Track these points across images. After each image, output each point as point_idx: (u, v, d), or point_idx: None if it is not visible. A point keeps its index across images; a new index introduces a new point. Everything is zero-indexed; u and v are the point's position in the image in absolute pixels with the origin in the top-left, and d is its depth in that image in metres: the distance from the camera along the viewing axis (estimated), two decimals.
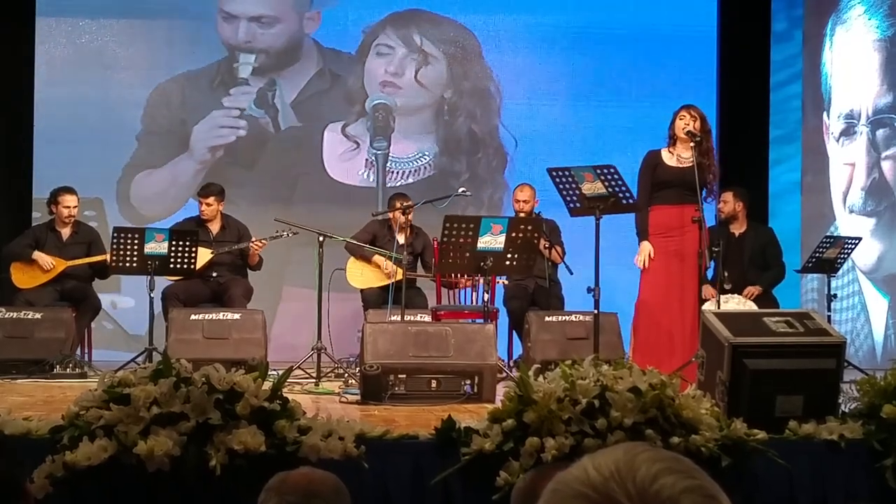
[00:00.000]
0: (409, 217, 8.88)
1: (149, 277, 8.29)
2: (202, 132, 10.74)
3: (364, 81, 10.96)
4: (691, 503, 1.27)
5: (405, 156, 10.95)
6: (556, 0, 11.08)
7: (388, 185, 10.63)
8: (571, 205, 7.06)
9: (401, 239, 8.90)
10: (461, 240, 7.55)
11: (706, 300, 7.93)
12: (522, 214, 8.88)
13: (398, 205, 9.04)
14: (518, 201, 9.13)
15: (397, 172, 10.90)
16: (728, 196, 9.20)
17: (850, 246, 9.30)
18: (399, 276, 8.61)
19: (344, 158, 10.88)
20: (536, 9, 11.06)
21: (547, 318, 8.23)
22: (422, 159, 10.97)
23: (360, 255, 9.14)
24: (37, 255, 8.92)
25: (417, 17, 11.08)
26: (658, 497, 1.26)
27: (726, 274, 8.48)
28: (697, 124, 7.25)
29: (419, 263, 9.34)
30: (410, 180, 10.82)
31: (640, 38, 11.06)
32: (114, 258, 8.37)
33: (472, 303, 9.00)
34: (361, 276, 9.16)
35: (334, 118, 10.92)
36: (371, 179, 10.84)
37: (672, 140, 7.35)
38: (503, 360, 7.91)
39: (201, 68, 10.81)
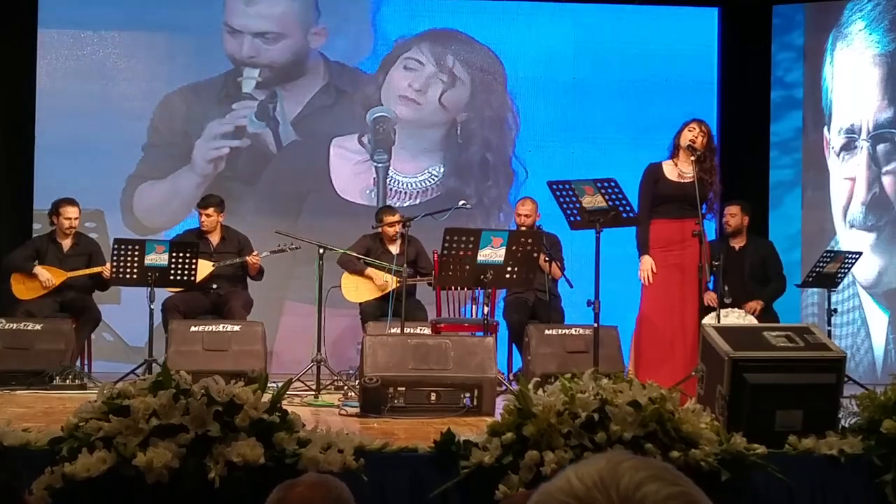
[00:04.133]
0: (397, 229, 8.91)
1: (149, 289, 8.29)
2: (203, 145, 10.75)
3: (382, 92, 10.96)
4: None
5: (411, 175, 10.95)
6: (558, 17, 11.11)
7: (396, 204, 10.57)
8: (572, 218, 7.07)
9: (395, 250, 8.91)
10: (461, 252, 7.55)
11: (709, 306, 7.92)
12: (524, 228, 8.89)
13: (386, 218, 9.09)
14: (520, 215, 9.14)
15: (403, 192, 10.90)
16: (736, 209, 9.22)
17: (850, 260, 9.30)
18: (392, 286, 8.66)
19: (355, 172, 10.87)
20: (537, 21, 11.08)
21: (547, 332, 8.23)
22: (429, 180, 10.97)
23: (352, 269, 9.14)
24: (38, 270, 8.92)
25: (454, 38, 11.08)
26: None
27: (726, 288, 8.47)
28: (704, 140, 7.26)
29: (415, 271, 9.33)
30: (418, 200, 10.81)
31: (641, 53, 11.07)
32: (114, 270, 8.38)
33: (472, 316, 9.00)
34: (356, 290, 9.16)
35: (339, 132, 10.92)
36: (375, 198, 10.84)
37: (675, 150, 7.35)
38: (503, 374, 7.91)
39: (206, 81, 10.82)
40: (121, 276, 8.38)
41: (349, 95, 10.97)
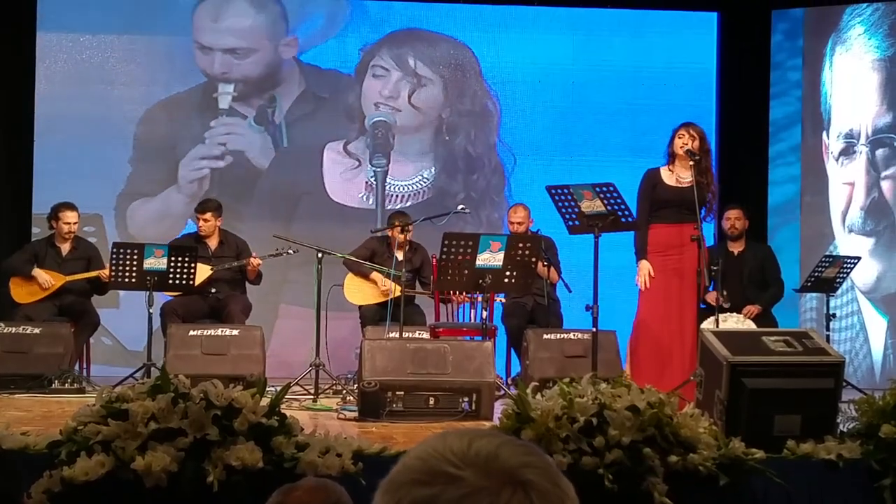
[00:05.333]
0: (408, 235, 8.88)
1: (147, 293, 8.29)
2: (186, 166, 10.72)
3: (361, 101, 10.96)
4: (511, 451, 1.37)
5: (403, 178, 10.95)
6: (557, 22, 11.11)
7: (387, 207, 10.61)
8: (570, 223, 7.07)
9: (399, 256, 8.91)
10: (460, 257, 7.55)
11: (710, 305, 7.93)
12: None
13: (397, 222, 9.07)
14: (513, 223, 9.13)
15: (396, 196, 10.90)
16: (739, 213, 9.25)
17: (849, 265, 9.30)
18: (396, 293, 8.62)
19: (345, 178, 10.87)
20: (536, 26, 11.09)
21: (545, 336, 8.23)
22: (420, 182, 10.97)
23: (358, 271, 9.13)
24: (36, 272, 8.91)
25: (413, 37, 11.07)
26: (479, 454, 1.36)
27: (725, 292, 8.48)
28: (696, 143, 7.25)
29: (417, 280, 9.32)
30: (409, 203, 10.80)
31: (640, 57, 11.09)
32: (113, 273, 8.38)
33: (470, 320, 9.00)
34: (359, 292, 9.16)
35: (327, 139, 10.89)
36: (370, 202, 10.83)
37: (671, 158, 7.36)
38: (501, 378, 7.91)
39: (193, 88, 10.80)
40: (120, 279, 8.38)
41: (328, 101, 10.95)
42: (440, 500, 1.33)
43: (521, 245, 7.75)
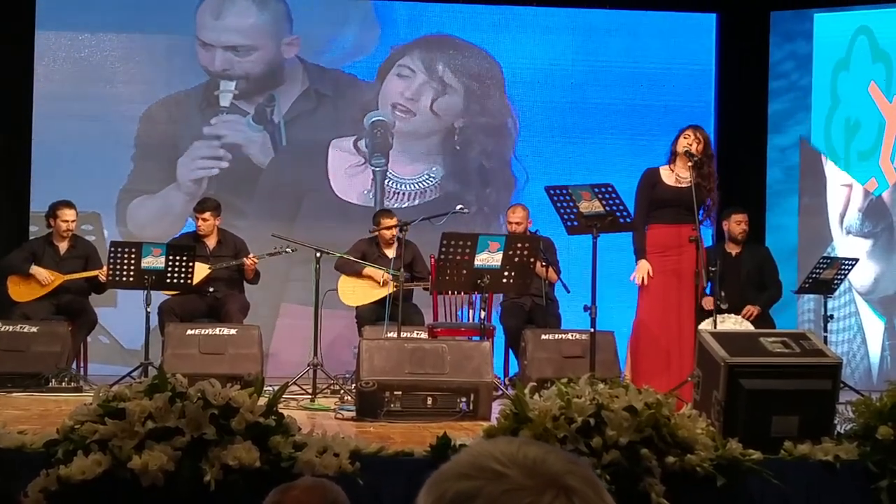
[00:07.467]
0: (395, 232, 8.89)
1: (145, 292, 8.28)
2: (186, 165, 10.71)
3: (379, 99, 10.95)
4: (558, 458, 1.41)
5: (411, 177, 10.94)
6: (556, 23, 11.12)
7: (394, 205, 10.58)
8: (569, 223, 7.07)
9: (391, 254, 8.91)
10: (458, 257, 7.55)
11: (707, 311, 7.93)
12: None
13: (384, 221, 9.09)
14: (511, 223, 9.14)
15: (402, 193, 10.89)
16: (745, 217, 9.27)
17: (846, 267, 9.31)
18: (391, 290, 8.65)
19: (350, 174, 10.88)
20: (535, 27, 11.09)
21: (543, 337, 8.23)
22: (427, 181, 10.97)
23: (350, 270, 9.13)
24: (35, 269, 8.91)
25: (446, 43, 11.06)
26: (527, 457, 1.39)
27: (723, 293, 8.47)
28: (700, 147, 7.24)
29: (411, 275, 9.32)
30: (416, 202, 10.81)
31: (640, 58, 11.10)
32: (111, 272, 8.38)
33: (468, 320, 9.00)
34: (354, 293, 9.15)
35: (329, 137, 10.89)
36: (373, 199, 10.84)
37: (672, 157, 7.35)
38: (499, 378, 7.91)
39: (195, 87, 10.79)
40: (117, 278, 8.37)
41: (329, 99, 10.94)
42: (482, 494, 1.37)
43: (519, 245, 7.74)
